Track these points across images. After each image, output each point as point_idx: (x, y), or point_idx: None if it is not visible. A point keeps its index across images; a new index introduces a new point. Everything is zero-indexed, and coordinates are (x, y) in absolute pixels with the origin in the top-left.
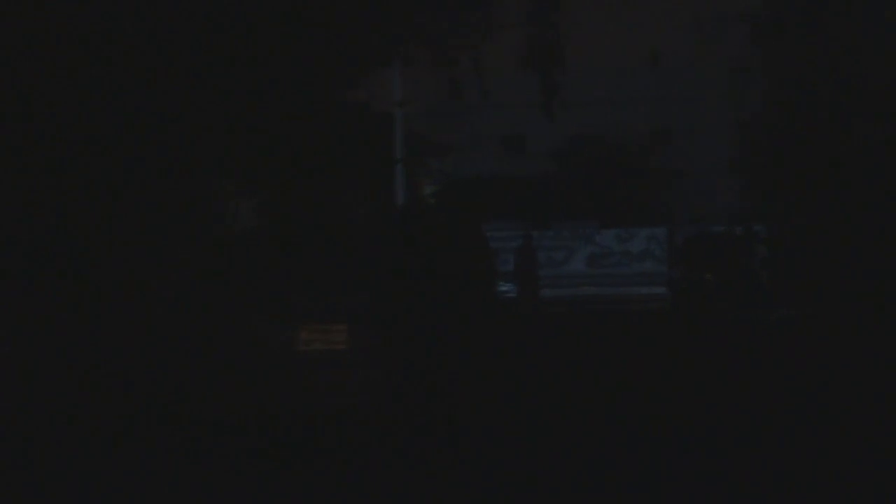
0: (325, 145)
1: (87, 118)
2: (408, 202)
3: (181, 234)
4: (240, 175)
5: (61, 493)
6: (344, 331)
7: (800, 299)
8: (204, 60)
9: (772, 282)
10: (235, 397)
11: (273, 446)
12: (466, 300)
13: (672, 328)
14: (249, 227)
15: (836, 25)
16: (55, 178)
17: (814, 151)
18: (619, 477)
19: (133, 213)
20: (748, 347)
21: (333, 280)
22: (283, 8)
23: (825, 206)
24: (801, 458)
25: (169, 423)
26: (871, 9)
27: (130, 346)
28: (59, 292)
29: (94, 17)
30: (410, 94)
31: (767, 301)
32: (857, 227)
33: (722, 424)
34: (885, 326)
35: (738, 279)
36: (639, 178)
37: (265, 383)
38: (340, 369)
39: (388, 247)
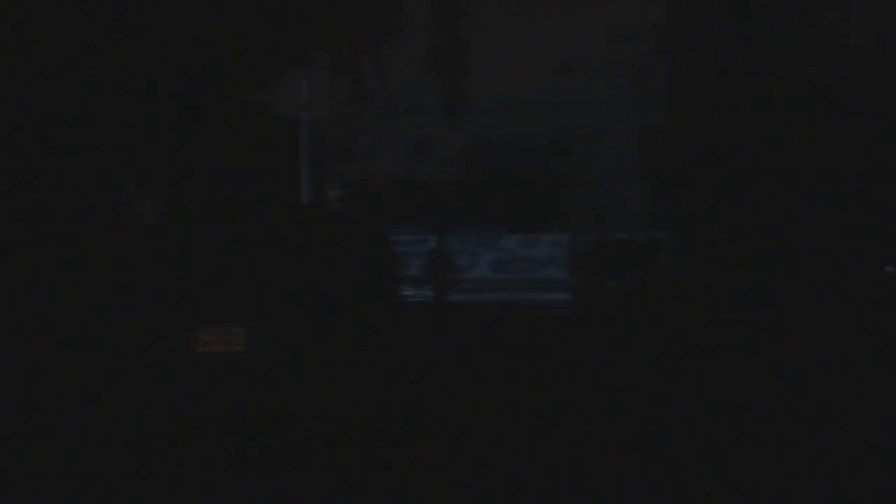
0: (229, 146)
1: None
2: (311, 205)
3: (81, 232)
4: (142, 173)
5: None
6: (242, 333)
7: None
8: (107, 58)
9: (675, 288)
10: (133, 399)
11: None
12: (368, 303)
13: (572, 334)
14: (150, 226)
15: (738, 37)
16: None
17: (718, 158)
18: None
19: (34, 209)
20: (650, 353)
21: (233, 281)
22: (188, 8)
23: (730, 211)
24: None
25: (63, 423)
26: (770, 20)
27: (26, 343)
28: None
29: None
30: (316, 99)
31: (671, 307)
32: (764, 230)
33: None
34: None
35: (641, 286)
36: (545, 184)
37: (162, 385)
38: (239, 371)
39: (290, 249)
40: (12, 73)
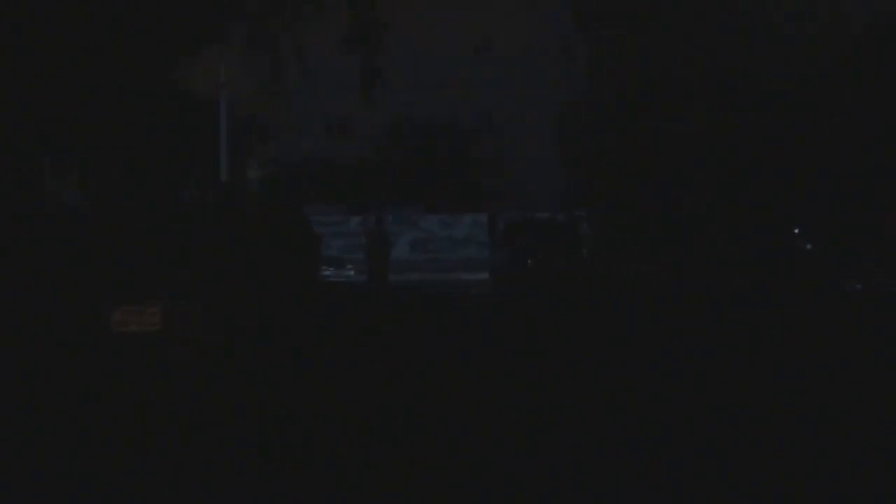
0: (148, 125)
1: None
2: (230, 184)
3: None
4: (60, 153)
5: None
6: (158, 312)
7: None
8: (24, 37)
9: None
10: (50, 379)
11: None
12: (286, 282)
13: (491, 313)
14: (69, 206)
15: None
16: None
17: (630, 139)
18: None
19: None
20: (566, 332)
21: (150, 261)
22: None
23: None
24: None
25: None
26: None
27: None
28: None
29: None
30: (235, 78)
31: (591, 285)
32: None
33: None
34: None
35: (560, 264)
36: (464, 164)
37: (79, 364)
38: (155, 351)
39: (207, 228)
40: None
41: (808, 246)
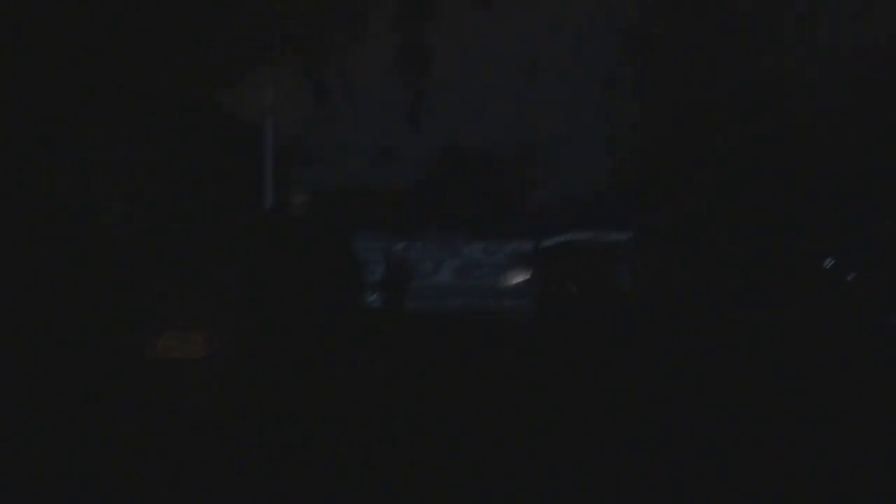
0: (193, 149)
1: None
2: (275, 209)
3: (45, 233)
4: (106, 175)
5: None
6: (202, 338)
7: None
8: (71, 58)
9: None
10: (92, 404)
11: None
12: (331, 309)
13: (534, 341)
14: (113, 229)
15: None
16: None
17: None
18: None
19: None
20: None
21: (194, 286)
22: (150, 10)
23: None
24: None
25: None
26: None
27: None
28: None
29: None
30: (282, 103)
31: (633, 314)
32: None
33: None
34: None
35: (603, 291)
36: (509, 190)
37: (121, 390)
38: (199, 377)
39: (252, 254)
40: None
41: (850, 277)
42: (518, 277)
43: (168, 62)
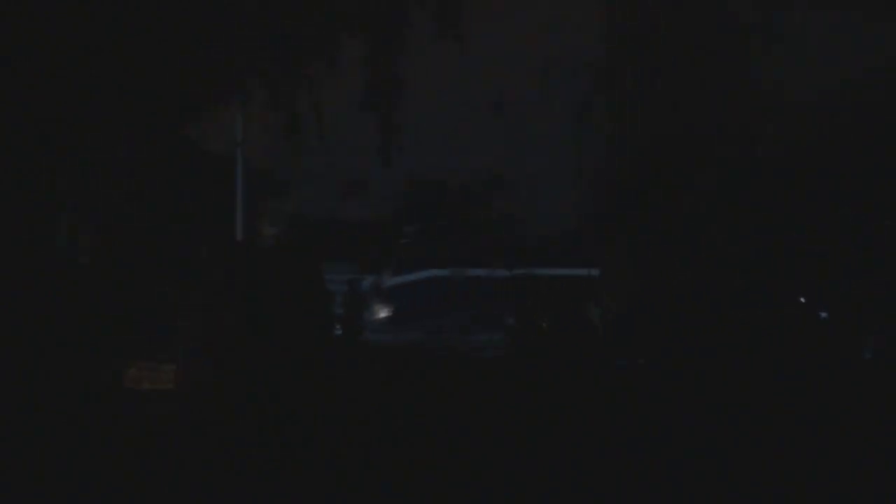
0: (162, 179)
1: None
2: (245, 241)
3: (13, 264)
4: (75, 205)
5: None
6: (173, 369)
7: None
8: (41, 86)
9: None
10: (60, 434)
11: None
12: (301, 340)
13: (505, 376)
14: (81, 260)
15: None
16: None
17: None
18: None
19: None
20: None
21: (164, 317)
22: (117, 41)
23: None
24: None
25: None
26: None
27: None
28: None
29: None
30: (252, 135)
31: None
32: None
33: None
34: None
35: (573, 325)
36: (478, 224)
37: (94, 421)
38: (169, 408)
39: (222, 285)
40: None
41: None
42: (382, 312)
43: (136, 93)
